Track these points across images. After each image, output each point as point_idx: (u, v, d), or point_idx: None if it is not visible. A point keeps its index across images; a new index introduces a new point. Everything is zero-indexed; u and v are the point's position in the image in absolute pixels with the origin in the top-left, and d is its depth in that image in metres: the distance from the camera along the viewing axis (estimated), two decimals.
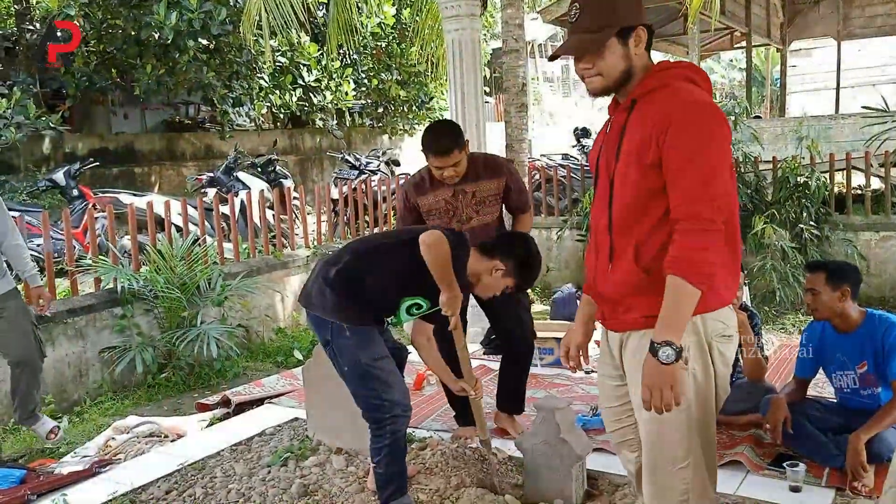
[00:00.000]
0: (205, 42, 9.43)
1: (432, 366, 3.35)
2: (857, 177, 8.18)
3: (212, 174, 8.70)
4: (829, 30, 14.78)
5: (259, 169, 9.22)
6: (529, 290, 4.33)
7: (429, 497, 3.20)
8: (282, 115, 12.33)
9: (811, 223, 6.69)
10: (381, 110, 13.41)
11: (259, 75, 10.64)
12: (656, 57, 2.42)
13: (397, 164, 10.86)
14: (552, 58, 2.32)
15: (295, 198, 7.42)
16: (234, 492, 3.39)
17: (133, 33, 8.83)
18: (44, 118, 7.71)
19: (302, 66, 11.27)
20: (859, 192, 7.81)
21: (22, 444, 4.34)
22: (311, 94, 11.59)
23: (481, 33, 6.70)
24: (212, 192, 7.55)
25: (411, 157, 13.86)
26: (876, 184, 7.50)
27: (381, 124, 13.51)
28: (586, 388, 4.63)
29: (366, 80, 12.58)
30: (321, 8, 10.66)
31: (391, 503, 2.96)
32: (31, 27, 8.84)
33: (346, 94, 11.90)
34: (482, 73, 6.40)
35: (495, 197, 3.83)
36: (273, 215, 6.93)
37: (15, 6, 9.87)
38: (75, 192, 7.33)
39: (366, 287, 2.93)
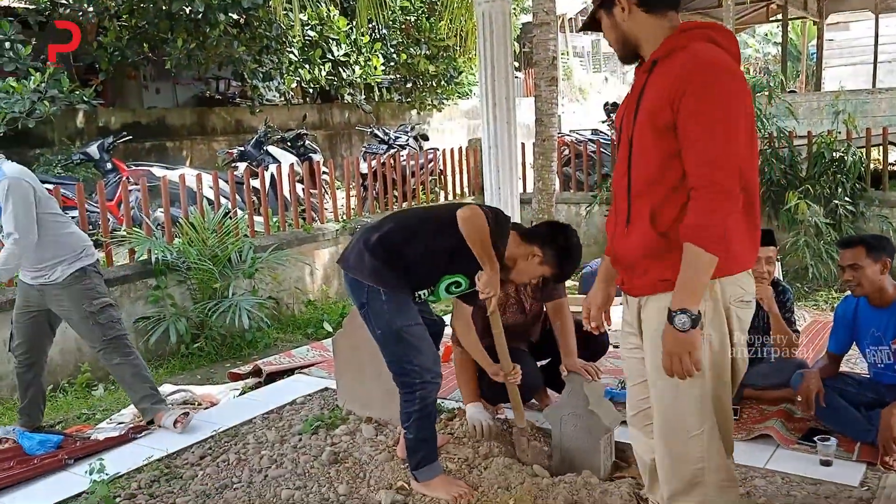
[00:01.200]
0: (235, 16, 9.44)
1: (470, 349, 3.35)
2: (895, 152, 8.01)
3: (242, 148, 8.75)
4: (867, 3, 14.39)
5: (288, 143, 9.25)
6: None
7: (457, 466, 3.24)
8: (311, 90, 12.34)
9: (846, 199, 6.59)
10: (409, 85, 13.35)
11: (289, 49, 10.64)
12: None
13: (426, 138, 10.83)
14: (581, 29, 2.33)
15: (324, 172, 7.45)
16: (266, 458, 3.45)
17: (164, 7, 8.87)
18: (77, 92, 7.80)
19: (331, 41, 11.25)
20: None
21: (59, 412, 4.45)
22: (341, 69, 11.57)
23: (511, 6, 6.64)
24: (242, 165, 7.59)
25: (439, 131, 13.83)
26: None
27: (409, 99, 13.45)
28: (614, 362, 4.62)
29: (395, 55, 12.53)
30: None
31: (421, 468, 3.00)
32: (64, 1, 8.90)
33: (375, 68, 11.86)
34: (512, 47, 6.34)
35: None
36: (303, 189, 6.97)
37: None
38: (109, 166, 7.43)
39: (405, 257, 2.94)
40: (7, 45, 7.64)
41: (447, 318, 3.56)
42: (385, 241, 2.98)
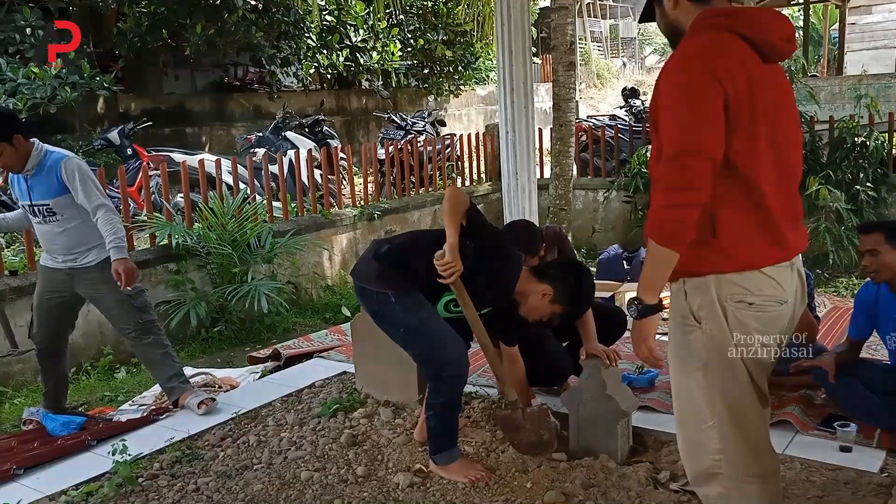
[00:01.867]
0: (253, 1, 9.46)
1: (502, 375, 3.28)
2: None
3: (260, 134, 8.78)
4: None
5: (306, 129, 9.27)
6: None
7: (475, 449, 3.26)
8: (328, 76, 12.34)
9: (868, 184, 6.52)
10: (426, 71, 13.30)
11: (306, 35, 10.65)
12: None
13: (443, 124, 10.81)
14: (640, 20, 2.33)
15: (342, 158, 7.46)
16: (285, 440, 3.49)
17: None
18: (98, 78, 7.85)
19: (349, 26, 11.24)
20: None
21: (82, 394, 4.51)
22: (358, 55, 11.56)
23: None
24: (261, 151, 7.62)
25: (457, 117, 13.80)
26: None
27: (426, 85, 13.41)
28: (632, 348, 4.61)
29: (412, 41, 12.50)
30: None
31: (440, 453, 3.02)
32: None
33: (393, 54, 11.85)
34: (530, 32, 6.31)
35: None
36: (320, 174, 6.99)
37: None
38: (129, 151, 7.48)
39: (411, 267, 2.96)
40: (28, 31, 7.69)
41: None
42: (393, 251, 3.03)
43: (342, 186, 7.31)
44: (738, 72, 1.90)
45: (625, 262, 6.60)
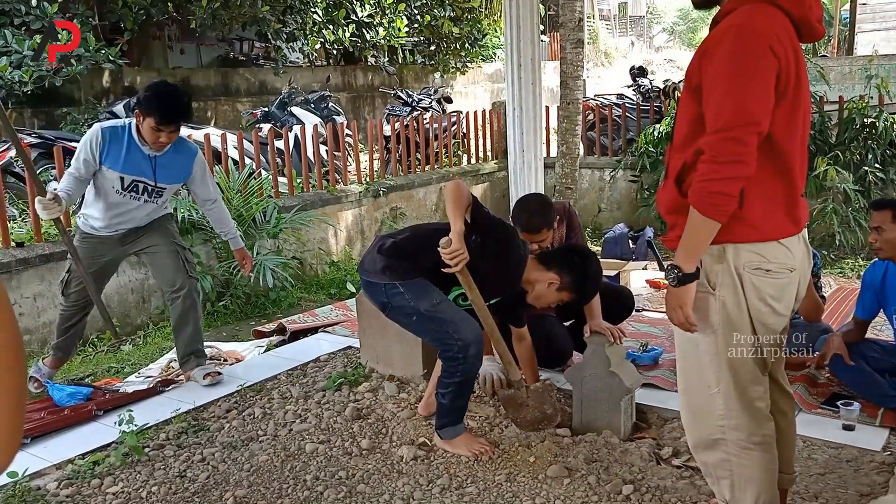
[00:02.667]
0: None
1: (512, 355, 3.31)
2: None
3: (266, 109, 8.75)
4: None
5: (312, 105, 9.23)
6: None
7: (479, 424, 3.28)
8: (334, 52, 12.27)
9: (876, 165, 6.48)
10: (433, 47, 13.22)
11: (312, 10, 10.57)
12: None
13: (449, 101, 10.76)
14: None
15: (347, 134, 7.44)
16: (290, 413, 3.51)
17: None
18: (103, 51, 7.82)
19: (355, 1, 11.16)
20: None
21: (88, 365, 4.54)
22: (364, 30, 11.49)
23: None
24: (266, 126, 7.60)
25: (463, 94, 13.72)
26: None
27: (433, 62, 13.33)
28: (636, 326, 4.63)
29: (419, 17, 12.40)
30: None
31: (445, 428, 3.04)
32: None
33: (399, 30, 11.76)
34: (538, 9, 6.26)
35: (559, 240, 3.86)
36: (326, 150, 6.98)
37: None
38: None
39: (418, 264, 2.97)
40: (33, 2, 7.65)
41: None
42: (399, 245, 3.04)
43: (348, 163, 7.29)
44: (787, 45, 1.92)
45: (630, 241, 6.60)
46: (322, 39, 10.97)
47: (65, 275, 3.94)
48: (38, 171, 5.97)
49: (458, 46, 13.28)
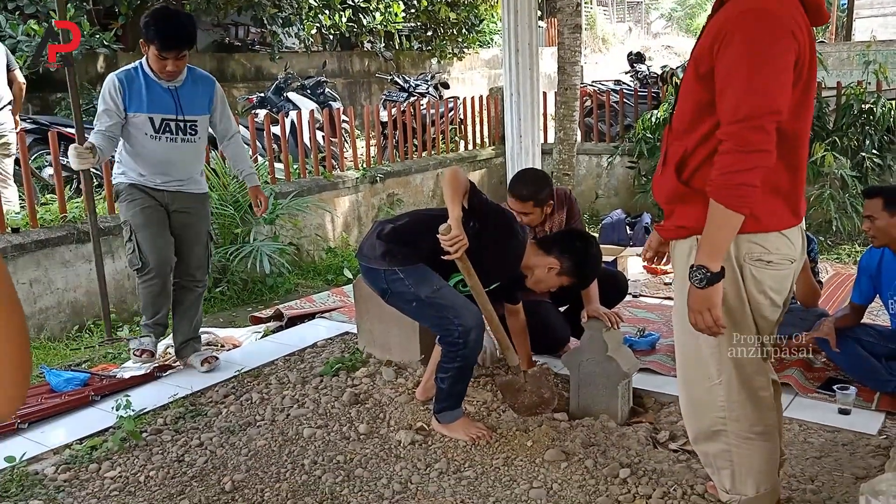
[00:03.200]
0: None
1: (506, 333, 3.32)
2: None
3: (262, 94, 8.72)
4: None
5: (308, 91, 9.19)
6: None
7: (476, 409, 3.28)
8: (331, 37, 12.22)
9: (874, 151, 6.48)
10: (430, 33, 13.16)
11: None
12: None
13: (446, 86, 10.72)
14: None
15: (344, 120, 7.41)
16: (288, 398, 3.52)
17: None
18: (97, 36, 7.78)
19: None
20: None
21: (85, 351, 4.53)
22: (361, 15, 11.44)
23: None
24: (262, 112, 7.57)
25: (460, 80, 13.67)
26: None
27: (429, 47, 13.28)
28: (633, 311, 4.64)
29: (415, 2, 12.35)
30: None
31: (444, 413, 3.05)
32: None
33: (396, 15, 11.71)
34: None
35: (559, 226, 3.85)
36: (323, 136, 6.95)
37: None
38: None
39: (419, 249, 2.96)
40: None
41: None
42: (398, 231, 3.03)
43: (344, 149, 7.26)
44: (804, 29, 1.87)
45: (628, 227, 6.60)
46: (318, 24, 10.91)
47: (131, 244, 3.71)
48: (32, 158, 5.95)
49: (454, 32, 13.23)
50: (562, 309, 3.89)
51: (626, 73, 11.09)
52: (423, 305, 2.95)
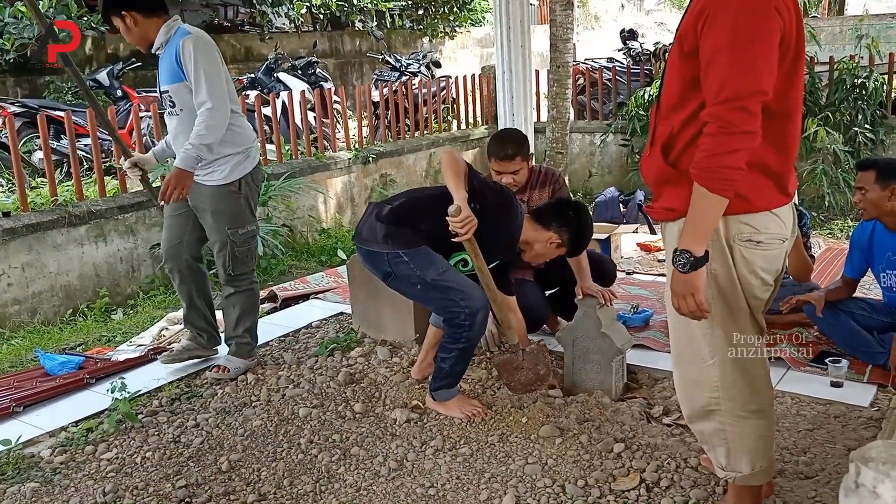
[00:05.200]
0: None
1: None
2: None
3: (253, 76, 8.66)
4: None
5: (299, 71, 9.13)
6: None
7: (471, 386, 3.30)
8: (321, 17, 12.12)
9: (866, 126, 6.48)
10: (421, 12, 13.08)
11: None
12: None
13: (438, 65, 10.66)
14: None
15: (336, 100, 7.37)
16: (283, 378, 3.52)
17: None
18: (86, 18, 7.70)
19: None
20: None
21: (79, 334, 4.53)
22: None
23: None
24: (253, 93, 7.52)
25: (452, 59, 13.60)
26: None
27: (421, 27, 13.20)
28: (627, 289, 4.65)
29: None
30: None
31: (440, 391, 3.06)
32: None
33: None
34: None
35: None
36: (314, 117, 6.91)
37: None
38: (119, 93, 7.38)
39: (418, 231, 2.95)
40: None
41: None
42: (397, 212, 3.01)
43: (336, 129, 7.23)
44: (789, 5, 1.83)
45: (621, 204, 6.60)
46: (308, 4, 10.82)
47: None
48: (21, 142, 5.91)
49: (446, 10, 13.15)
50: (550, 291, 3.89)
51: (619, 50, 11.05)
52: (428, 288, 2.94)
